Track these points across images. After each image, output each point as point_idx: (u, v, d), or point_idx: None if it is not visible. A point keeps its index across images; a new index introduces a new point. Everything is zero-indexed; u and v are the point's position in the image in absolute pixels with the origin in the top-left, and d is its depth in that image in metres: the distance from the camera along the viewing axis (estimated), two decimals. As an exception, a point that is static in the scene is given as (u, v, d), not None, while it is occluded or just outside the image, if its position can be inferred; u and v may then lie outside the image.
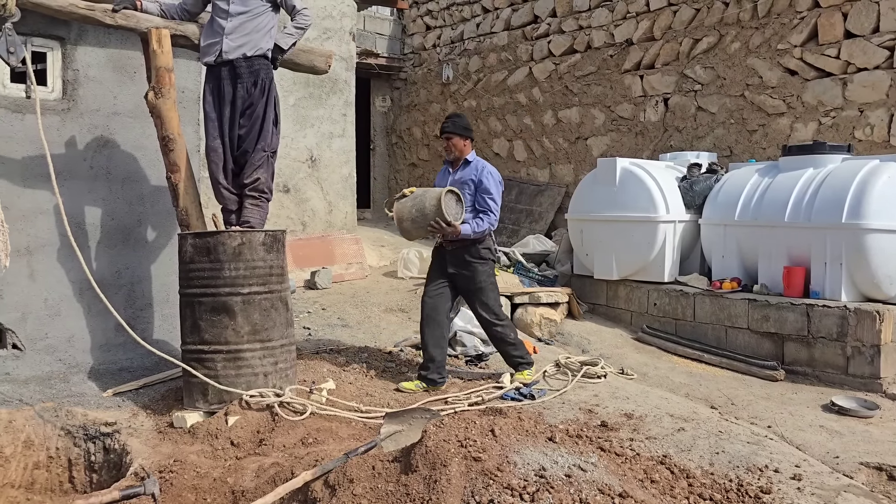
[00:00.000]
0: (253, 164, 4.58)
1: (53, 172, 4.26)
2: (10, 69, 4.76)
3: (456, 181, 5.01)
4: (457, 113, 5.32)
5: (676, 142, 8.51)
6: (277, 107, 4.61)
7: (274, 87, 4.59)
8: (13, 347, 4.81)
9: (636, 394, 5.24)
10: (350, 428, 4.12)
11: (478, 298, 5.07)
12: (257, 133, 4.55)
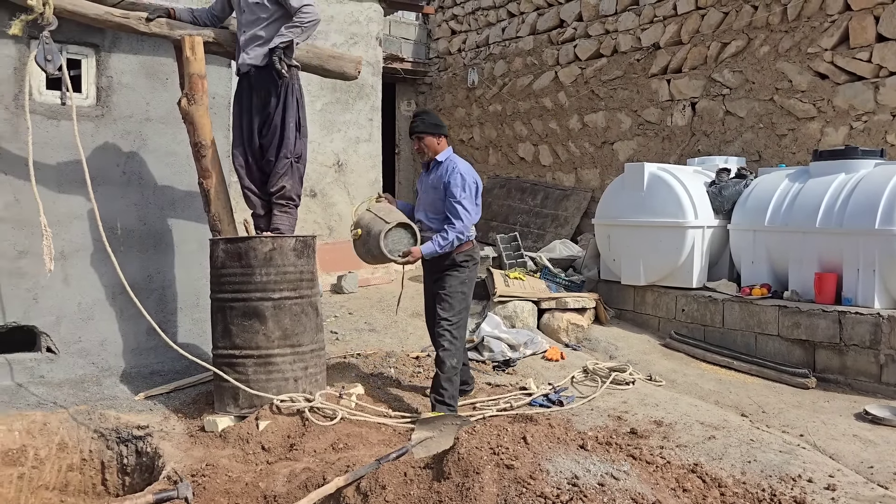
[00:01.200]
0: (277, 172, 4.60)
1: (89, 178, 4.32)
2: (45, 76, 4.84)
3: (429, 186, 4.59)
4: (424, 109, 5.10)
5: (704, 146, 8.44)
6: (301, 112, 4.58)
7: (293, 93, 4.54)
8: (47, 350, 4.88)
9: (665, 401, 5.20)
10: (380, 433, 4.13)
11: (444, 302, 4.52)
12: (278, 141, 4.55)
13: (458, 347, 4.52)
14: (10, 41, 4.63)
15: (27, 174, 4.72)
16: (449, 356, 4.45)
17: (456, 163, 4.54)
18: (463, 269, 4.58)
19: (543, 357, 6.10)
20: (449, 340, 4.48)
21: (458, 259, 4.56)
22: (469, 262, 4.62)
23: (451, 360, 4.46)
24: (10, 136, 4.67)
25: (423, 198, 4.68)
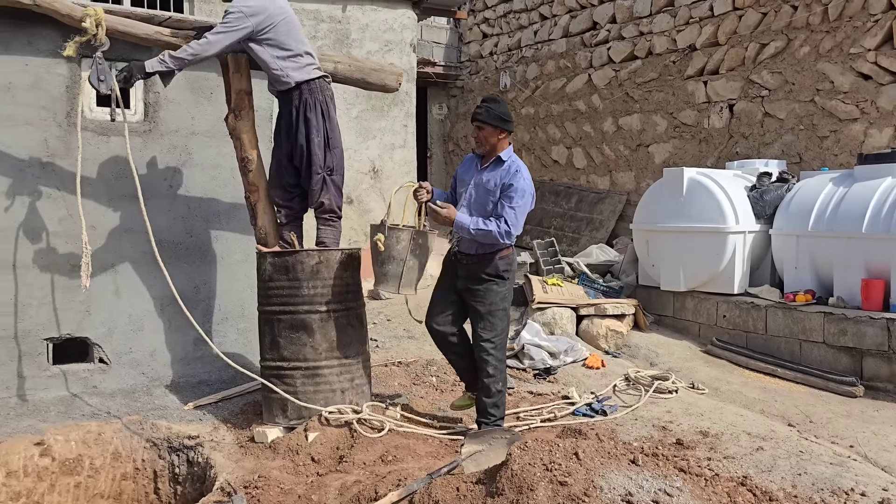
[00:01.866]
0: (313, 189, 4.60)
1: (141, 193, 4.41)
2: (95, 94, 4.96)
3: (482, 184, 4.18)
4: (494, 97, 4.32)
5: (742, 148, 8.35)
6: (327, 126, 4.54)
7: (315, 110, 4.50)
8: (100, 361, 4.99)
9: (710, 410, 5.16)
10: (427, 445, 4.17)
11: (485, 321, 4.20)
12: (307, 159, 4.54)
13: (502, 370, 4.26)
14: (62, 61, 4.75)
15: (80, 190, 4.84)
16: (494, 382, 4.20)
17: (520, 166, 4.16)
18: (504, 280, 4.23)
19: (584, 365, 6.09)
20: (494, 365, 4.21)
21: (500, 267, 4.20)
22: (510, 272, 4.29)
23: (497, 384, 4.21)
24: (62, 153, 4.79)
25: (473, 195, 4.23)
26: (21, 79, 4.64)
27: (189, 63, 4.38)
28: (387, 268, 4.20)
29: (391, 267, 4.19)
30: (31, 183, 4.70)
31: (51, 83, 4.74)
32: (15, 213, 4.66)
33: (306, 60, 4.49)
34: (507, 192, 4.08)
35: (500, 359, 4.24)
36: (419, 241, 4.21)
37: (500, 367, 4.24)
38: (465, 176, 4.36)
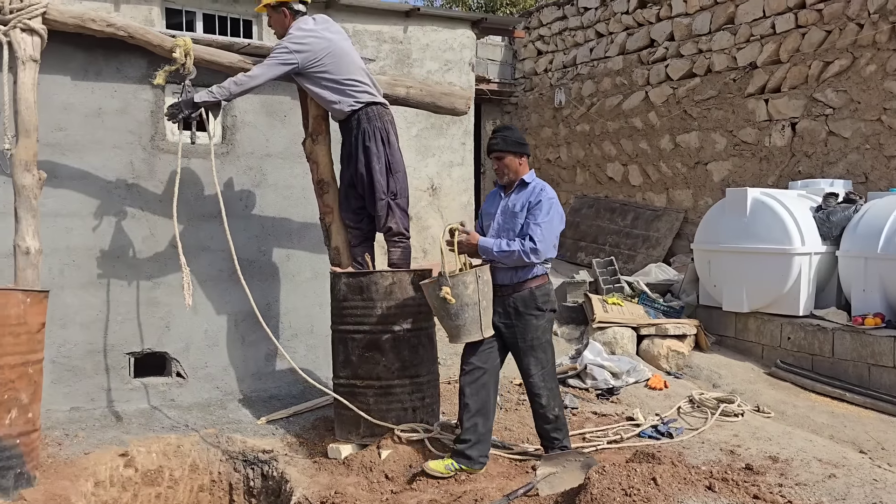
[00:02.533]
0: (379, 215, 4.70)
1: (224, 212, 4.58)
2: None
3: (508, 209, 4.14)
4: (506, 125, 4.36)
5: (805, 167, 8.23)
6: (388, 151, 4.62)
7: (374, 138, 4.58)
8: (177, 375, 5.18)
9: (778, 434, 5.11)
10: (498, 465, 4.22)
11: (529, 357, 4.13)
12: (369, 186, 4.64)
13: (555, 395, 4.20)
14: (147, 87, 4.97)
15: (162, 210, 5.06)
16: (550, 409, 4.14)
17: (544, 186, 4.13)
18: (542, 313, 4.10)
19: (646, 385, 6.07)
20: (546, 396, 4.13)
21: (538, 299, 4.08)
22: (548, 303, 4.12)
23: (554, 410, 4.15)
24: (147, 175, 5.01)
25: (500, 222, 4.19)
26: (110, 104, 4.88)
27: (235, 95, 4.52)
28: (464, 317, 3.96)
29: (468, 314, 3.96)
30: (117, 204, 4.92)
31: (137, 108, 4.97)
32: (102, 232, 4.88)
33: (360, 88, 4.57)
34: (532, 210, 4.01)
35: (551, 387, 4.18)
36: (484, 278, 4.01)
37: (552, 394, 4.17)
38: (490, 209, 4.32)
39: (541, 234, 3.96)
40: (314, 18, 4.69)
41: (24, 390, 3.53)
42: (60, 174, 4.65)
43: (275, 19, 4.67)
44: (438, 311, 4.05)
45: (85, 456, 4.28)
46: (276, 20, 4.66)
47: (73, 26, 4.08)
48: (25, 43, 3.84)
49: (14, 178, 3.84)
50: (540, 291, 4.08)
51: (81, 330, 4.83)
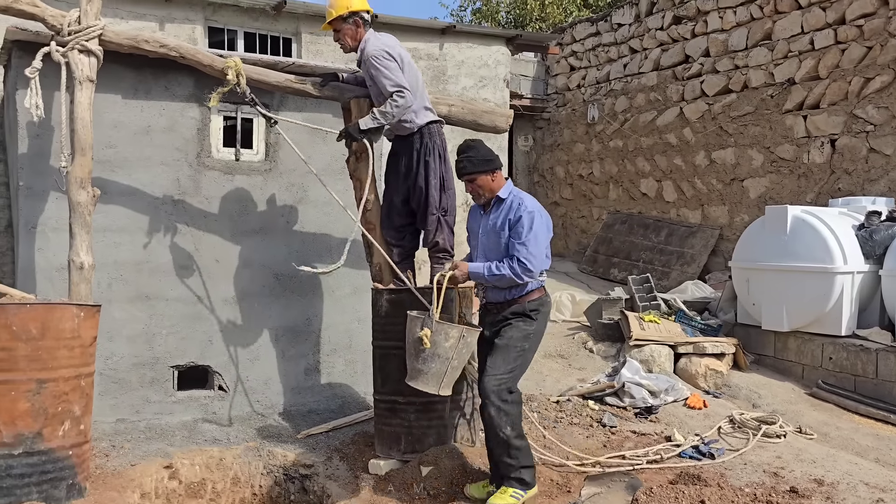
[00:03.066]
0: (428, 229, 4.76)
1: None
2: (221, 136, 5.27)
3: (489, 228, 4.06)
4: (469, 143, 4.12)
5: (845, 185, 8.12)
6: (443, 168, 4.70)
7: (433, 153, 4.67)
8: (219, 389, 5.24)
9: (822, 457, 5.02)
10: (540, 484, 4.19)
11: (496, 355, 3.89)
12: (424, 200, 4.70)
13: (509, 414, 3.78)
14: (194, 105, 5.08)
15: (206, 225, 5.15)
16: (500, 427, 3.76)
17: (522, 198, 3.97)
18: (530, 320, 3.94)
19: (685, 404, 6.01)
20: (496, 406, 3.75)
21: (527, 307, 3.96)
22: (538, 312, 3.97)
23: (504, 430, 3.75)
24: (192, 191, 5.10)
25: (485, 242, 4.12)
26: (158, 122, 4.99)
27: (395, 118, 4.55)
28: (429, 366, 3.89)
29: (435, 365, 3.88)
30: (164, 219, 5.02)
31: (184, 125, 5.08)
32: (149, 247, 4.98)
33: (426, 104, 4.68)
34: (515, 228, 3.90)
35: (507, 399, 3.80)
36: (468, 340, 3.93)
37: (507, 408, 3.78)
38: (474, 225, 4.24)
39: (527, 252, 3.85)
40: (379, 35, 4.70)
41: (76, 402, 3.60)
42: (110, 190, 4.76)
43: (346, 31, 4.58)
44: (409, 346, 4.02)
45: (131, 467, 4.35)
46: (347, 32, 4.58)
47: (127, 47, 4.19)
48: (83, 63, 3.95)
49: (69, 195, 3.94)
50: (532, 304, 3.98)
51: (128, 343, 4.92)
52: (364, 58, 4.55)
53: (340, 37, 4.62)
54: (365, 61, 4.54)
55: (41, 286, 4.59)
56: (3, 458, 3.37)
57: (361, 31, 4.58)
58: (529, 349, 3.98)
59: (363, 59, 4.57)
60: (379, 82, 4.48)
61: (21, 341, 3.39)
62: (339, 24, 4.56)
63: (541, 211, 3.98)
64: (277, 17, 7.74)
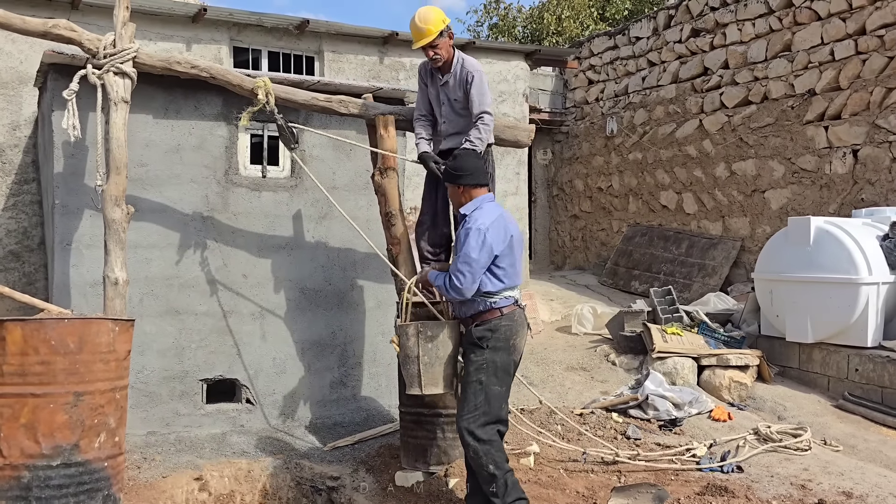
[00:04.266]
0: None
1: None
2: (249, 153, 5.38)
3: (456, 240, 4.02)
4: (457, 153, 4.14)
5: (868, 195, 8.08)
6: (490, 186, 4.79)
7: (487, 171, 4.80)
8: (247, 402, 5.32)
9: (850, 469, 4.99)
10: (565, 496, 4.22)
11: (462, 394, 3.85)
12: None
13: (485, 452, 3.69)
14: (222, 123, 5.20)
15: (234, 241, 5.25)
16: (483, 466, 3.69)
17: (477, 217, 3.82)
18: (479, 349, 3.77)
19: (710, 417, 5.99)
20: (471, 446, 3.71)
21: (474, 334, 3.80)
22: (486, 340, 3.76)
23: (488, 468, 3.68)
24: (220, 208, 5.20)
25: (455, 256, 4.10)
26: (188, 140, 5.11)
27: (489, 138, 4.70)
28: (407, 368, 3.99)
29: (410, 367, 3.97)
30: (193, 235, 5.12)
31: (212, 144, 5.19)
32: (179, 263, 5.09)
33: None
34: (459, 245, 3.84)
35: (479, 438, 3.70)
36: (429, 334, 3.93)
37: (478, 450, 3.70)
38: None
39: (455, 267, 3.76)
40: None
41: (112, 415, 3.68)
42: (141, 207, 4.87)
43: (443, 45, 4.54)
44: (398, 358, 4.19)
45: (163, 479, 4.42)
46: (444, 46, 4.55)
47: (160, 68, 4.31)
48: (118, 85, 4.07)
49: (104, 213, 4.05)
50: (480, 328, 3.80)
51: (158, 357, 5.02)
52: (466, 70, 4.60)
53: (437, 52, 4.56)
54: (468, 74, 4.59)
55: (76, 301, 4.70)
56: (42, 470, 3.45)
57: (452, 42, 4.62)
58: (488, 383, 3.74)
59: (461, 70, 4.62)
60: (476, 98, 4.55)
61: (59, 355, 3.49)
62: (437, 39, 4.55)
63: (492, 226, 3.77)
64: (300, 37, 7.89)
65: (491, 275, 3.80)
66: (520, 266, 3.97)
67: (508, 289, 3.85)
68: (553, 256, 13.48)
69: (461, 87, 4.62)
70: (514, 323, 3.81)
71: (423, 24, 4.50)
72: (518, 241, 3.94)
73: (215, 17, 7.38)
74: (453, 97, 4.67)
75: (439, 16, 4.55)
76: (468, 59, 4.69)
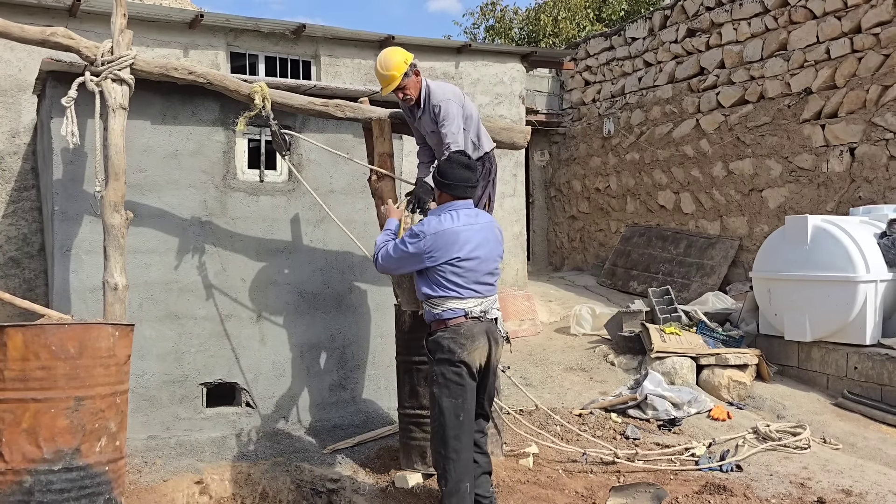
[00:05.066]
0: None
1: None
2: (247, 157, 5.40)
3: None
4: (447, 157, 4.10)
5: (866, 193, 8.10)
6: (491, 191, 4.77)
7: (490, 176, 4.77)
8: (246, 405, 5.33)
9: (849, 467, 5.01)
10: (565, 496, 4.24)
11: None
12: None
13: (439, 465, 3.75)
14: (220, 128, 5.22)
15: (233, 245, 5.27)
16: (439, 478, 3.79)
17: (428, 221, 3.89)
18: (430, 360, 3.85)
19: (709, 416, 6.01)
20: (433, 458, 3.84)
21: (425, 345, 3.91)
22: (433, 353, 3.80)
23: (441, 482, 3.76)
24: (219, 212, 5.22)
25: None
26: (185, 146, 5.13)
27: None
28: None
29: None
30: (191, 240, 5.14)
31: (210, 149, 5.21)
32: (178, 268, 5.10)
33: (483, 133, 4.77)
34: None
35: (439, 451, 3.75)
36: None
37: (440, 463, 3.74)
38: None
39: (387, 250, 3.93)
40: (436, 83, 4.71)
41: (112, 419, 3.70)
42: (140, 213, 4.88)
43: (410, 84, 4.49)
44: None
45: (164, 483, 4.43)
46: (411, 84, 4.49)
47: (157, 75, 4.33)
48: (116, 92, 4.09)
49: (104, 219, 4.07)
50: (429, 339, 3.87)
51: (158, 361, 5.03)
52: (431, 104, 4.55)
53: (406, 93, 4.51)
54: (433, 107, 4.53)
55: (76, 307, 4.72)
56: (44, 474, 3.47)
57: (419, 77, 4.55)
58: (440, 394, 3.73)
59: (429, 104, 4.57)
60: (443, 130, 4.49)
61: (60, 360, 3.50)
62: (403, 80, 4.49)
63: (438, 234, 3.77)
64: (297, 41, 7.91)
65: (432, 280, 3.82)
66: (481, 279, 3.83)
67: (454, 300, 3.78)
68: (551, 257, 13.50)
69: (433, 121, 4.59)
70: (460, 336, 3.74)
71: (385, 70, 4.44)
72: (484, 257, 3.83)
73: (212, 23, 7.41)
74: (430, 129, 4.67)
75: (400, 58, 4.47)
76: (435, 89, 4.58)
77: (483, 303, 3.83)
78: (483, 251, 3.83)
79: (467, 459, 3.72)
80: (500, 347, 3.91)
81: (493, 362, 3.86)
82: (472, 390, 3.76)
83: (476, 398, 3.81)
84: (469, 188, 3.90)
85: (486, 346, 3.79)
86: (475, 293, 3.81)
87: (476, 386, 3.80)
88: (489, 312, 3.84)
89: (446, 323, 3.78)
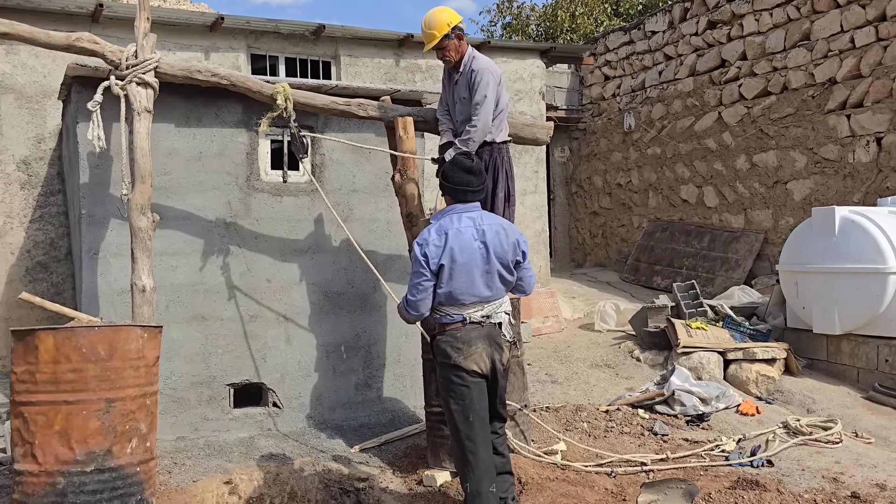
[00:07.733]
0: None
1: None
2: (270, 158, 5.42)
3: None
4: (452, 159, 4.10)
5: (894, 183, 7.97)
6: (510, 184, 4.81)
7: (503, 167, 4.76)
8: (273, 405, 5.36)
9: (883, 461, 4.94)
10: (594, 493, 4.21)
11: None
12: (491, 211, 4.78)
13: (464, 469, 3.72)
14: (243, 130, 5.24)
15: (258, 246, 5.29)
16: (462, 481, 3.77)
17: (427, 231, 3.84)
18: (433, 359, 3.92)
19: (737, 411, 5.95)
20: (454, 461, 3.89)
21: (431, 345, 3.94)
22: (436, 357, 3.83)
23: (464, 485, 3.73)
24: (243, 214, 5.25)
25: None
26: (209, 148, 5.16)
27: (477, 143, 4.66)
28: None
29: None
30: (217, 242, 5.17)
31: (234, 150, 5.24)
32: (203, 269, 5.13)
33: (504, 123, 4.78)
34: None
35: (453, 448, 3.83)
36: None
37: (455, 457, 3.83)
38: None
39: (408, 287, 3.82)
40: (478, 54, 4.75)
41: (143, 420, 3.73)
42: (165, 215, 4.92)
43: (450, 46, 4.59)
44: None
45: (193, 484, 4.46)
46: (451, 47, 4.60)
47: (181, 78, 4.36)
48: (141, 95, 4.13)
49: (131, 222, 4.11)
50: (433, 342, 3.89)
51: (185, 362, 5.07)
52: (471, 69, 4.62)
53: (445, 53, 4.64)
54: (472, 72, 4.61)
55: (104, 310, 4.76)
56: (77, 476, 3.50)
57: (463, 43, 4.63)
58: (446, 398, 3.75)
59: (469, 70, 4.63)
60: (476, 97, 4.55)
61: (91, 362, 3.54)
62: (443, 42, 4.59)
63: (421, 243, 3.75)
64: (316, 42, 7.93)
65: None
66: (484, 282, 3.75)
67: (453, 305, 3.74)
68: (573, 254, 13.43)
69: (468, 87, 4.64)
70: (456, 341, 3.70)
71: (428, 28, 4.59)
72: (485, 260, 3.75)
73: (232, 26, 7.45)
74: (462, 95, 4.69)
75: (445, 18, 4.55)
76: (479, 58, 4.67)
77: (486, 307, 3.77)
78: (483, 255, 3.75)
79: (486, 461, 3.68)
80: (504, 352, 3.83)
81: (499, 366, 3.79)
82: (479, 392, 3.72)
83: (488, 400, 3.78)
84: (471, 192, 3.84)
85: (485, 350, 3.73)
86: (477, 298, 3.74)
87: (487, 388, 3.76)
88: (493, 317, 3.78)
89: (445, 328, 3.76)
